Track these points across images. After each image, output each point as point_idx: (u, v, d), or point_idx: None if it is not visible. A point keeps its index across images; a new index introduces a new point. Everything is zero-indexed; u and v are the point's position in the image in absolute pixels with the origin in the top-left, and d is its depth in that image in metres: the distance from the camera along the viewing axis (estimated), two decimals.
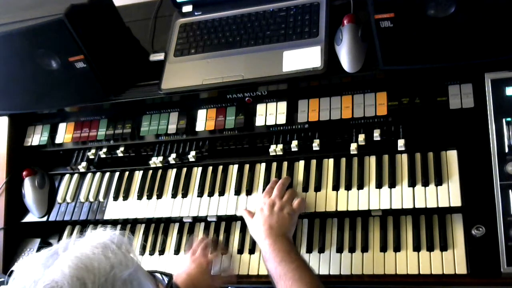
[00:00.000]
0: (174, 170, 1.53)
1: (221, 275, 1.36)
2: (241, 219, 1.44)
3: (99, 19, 1.45)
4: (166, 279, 1.01)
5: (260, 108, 1.45)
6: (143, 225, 1.54)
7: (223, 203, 1.43)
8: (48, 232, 1.63)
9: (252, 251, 1.38)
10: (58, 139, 1.64)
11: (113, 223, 1.57)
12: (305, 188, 1.37)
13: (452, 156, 1.29)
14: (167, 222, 1.52)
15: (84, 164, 1.60)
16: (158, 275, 1.01)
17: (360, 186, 1.32)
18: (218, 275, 1.36)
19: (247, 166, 1.47)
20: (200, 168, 1.51)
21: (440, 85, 1.31)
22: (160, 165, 1.54)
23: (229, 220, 1.46)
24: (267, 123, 1.43)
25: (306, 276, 1.13)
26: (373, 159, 1.36)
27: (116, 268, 0.81)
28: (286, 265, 1.15)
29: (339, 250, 1.31)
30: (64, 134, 1.63)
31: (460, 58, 1.21)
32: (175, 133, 1.51)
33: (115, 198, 1.55)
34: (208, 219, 1.46)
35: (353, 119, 1.36)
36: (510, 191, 1.16)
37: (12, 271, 0.83)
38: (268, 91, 1.43)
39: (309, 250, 1.33)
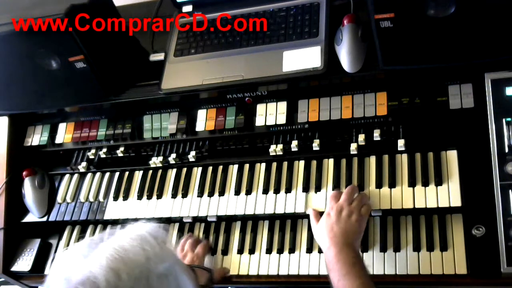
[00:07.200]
0: (174, 170, 1.53)
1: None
2: (241, 219, 1.44)
3: (99, 19, 1.45)
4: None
5: (260, 108, 1.45)
6: None
7: (223, 203, 1.43)
8: (48, 232, 1.63)
9: (252, 251, 1.38)
10: (58, 139, 1.64)
11: (113, 223, 1.57)
12: (305, 189, 1.37)
13: (452, 156, 1.29)
14: (167, 222, 1.52)
15: (84, 164, 1.60)
16: (200, 269, 1.02)
17: (360, 186, 1.32)
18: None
19: (247, 166, 1.47)
20: (200, 168, 1.51)
21: (440, 85, 1.31)
22: (160, 165, 1.53)
23: (229, 220, 1.46)
24: (267, 123, 1.43)
25: None
26: (373, 159, 1.36)
27: (151, 260, 0.82)
28: (350, 280, 1.11)
29: None
30: (64, 134, 1.63)
31: (460, 58, 1.21)
32: (175, 133, 1.51)
33: (115, 198, 1.55)
34: (208, 219, 1.46)
35: (353, 119, 1.36)
36: (510, 191, 1.16)
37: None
38: (268, 91, 1.43)
39: (309, 251, 1.33)
